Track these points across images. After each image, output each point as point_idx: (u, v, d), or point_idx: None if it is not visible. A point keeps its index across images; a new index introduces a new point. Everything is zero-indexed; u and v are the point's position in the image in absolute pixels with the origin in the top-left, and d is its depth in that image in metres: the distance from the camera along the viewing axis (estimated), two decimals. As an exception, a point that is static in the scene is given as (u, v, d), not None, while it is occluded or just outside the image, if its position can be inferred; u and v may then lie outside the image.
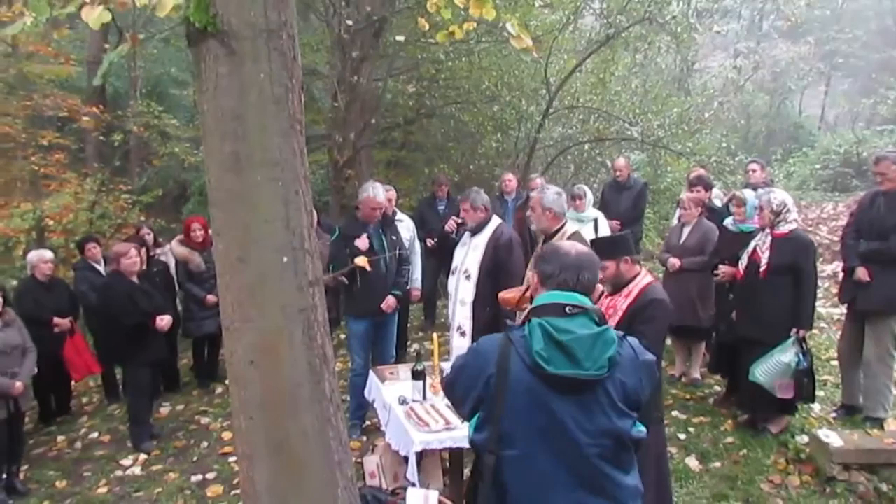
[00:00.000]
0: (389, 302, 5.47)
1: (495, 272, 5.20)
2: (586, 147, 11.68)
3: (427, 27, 4.89)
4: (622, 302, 3.50)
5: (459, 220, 5.69)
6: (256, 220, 2.62)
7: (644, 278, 3.57)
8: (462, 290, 5.26)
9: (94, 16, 2.75)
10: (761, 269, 4.87)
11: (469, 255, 5.30)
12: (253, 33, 2.54)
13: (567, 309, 2.14)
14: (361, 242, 5.29)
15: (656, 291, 3.53)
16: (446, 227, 6.10)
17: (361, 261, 4.79)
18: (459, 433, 3.74)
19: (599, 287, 2.29)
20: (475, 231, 5.31)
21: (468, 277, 5.26)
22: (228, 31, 2.52)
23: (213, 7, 2.51)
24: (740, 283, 5.15)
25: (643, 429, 2.15)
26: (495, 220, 5.39)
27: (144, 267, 6.58)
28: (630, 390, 2.12)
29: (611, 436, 2.08)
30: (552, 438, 2.06)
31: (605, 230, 6.75)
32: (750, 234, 5.26)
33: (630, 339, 2.21)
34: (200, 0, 2.52)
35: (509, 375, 2.07)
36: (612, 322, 3.41)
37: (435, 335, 4.65)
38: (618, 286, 3.59)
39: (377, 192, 5.43)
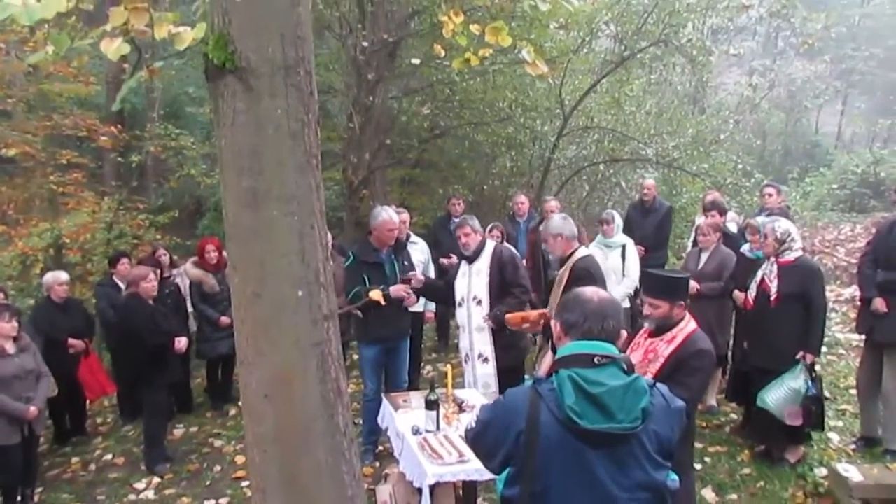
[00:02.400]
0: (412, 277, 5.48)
1: (506, 291, 5.21)
2: (601, 167, 11.67)
3: (443, 53, 4.91)
4: (664, 348, 3.35)
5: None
6: (272, 254, 2.64)
7: (689, 324, 3.41)
8: (476, 318, 5.25)
9: (114, 48, 2.77)
10: (772, 298, 4.83)
11: (474, 282, 5.30)
12: (271, 70, 2.56)
13: (596, 359, 2.08)
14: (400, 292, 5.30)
15: (702, 341, 3.34)
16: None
17: (376, 295, 4.78)
18: (473, 466, 3.70)
19: (623, 333, 2.24)
20: (472, 258, 5.32)
21: (479, 303, 5.25)
22: (246, 68, 2.54)
23: (232, 44, 2.53)
24: (751, 313, 5.10)
25: (676, 478, 2.12)
26: (490, 243, 5.46)
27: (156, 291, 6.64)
28: (664, 440, 2.08)
29: (648, 489, 2.05)
30: (587, 494, 2.02)
31: (633, 257, 6.72)
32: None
33: (659, 385, 2.16)
34: (219, 37, 2.54)
35: (540, 431, 2.01)
36: (654, 368, 3.29)
37: (450, 366, 4.64)
38: (662, 328, 3.43)
39: (391, 215, 5.45)
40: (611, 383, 2.02)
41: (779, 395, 4.75)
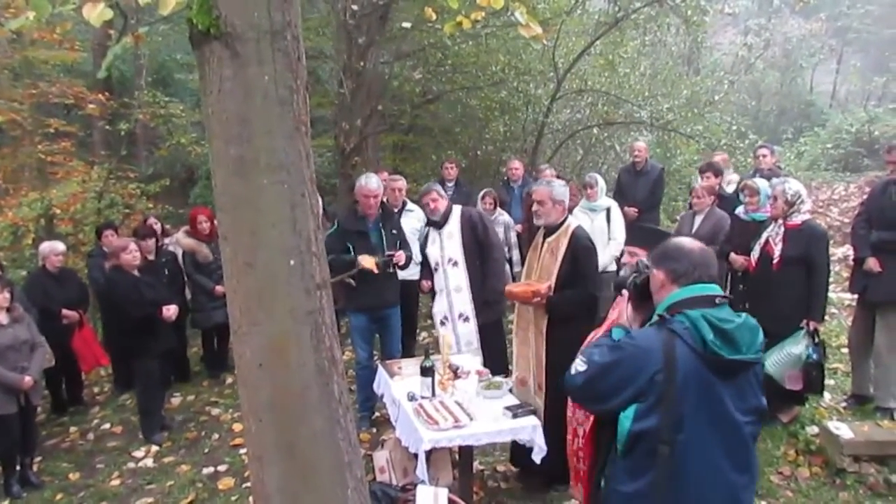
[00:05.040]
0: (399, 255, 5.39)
1: (479, 250, 5.38)
2: (595, 131, 11.59)
3: (434, 17, 4.82)
4: None
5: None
6: (263, 224, 2.60)
7: None
8: (453, 279, 5.40)
9: (96, 13, 2.70)
10: (774, 262, 4.83)
11: (446, 245, 5.44)
12: (257, 35, 2.49)
13: (717, 300, 2.28)
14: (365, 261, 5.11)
15: None
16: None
17: (368, 263, 4.75)
18: (468, 431, 3.75)
19: None
20: (440, 223, 5.44)
21: (455, 265, 5.41)
22: (232, 34, 2.47)
23: (216, 9, 2.46)
24: (753, 275, 5.10)
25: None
26: (456, 207, 5.58)
27: (153, 257, 6.62)
28: (761, 370, 2.36)
29: (757, 412, 2.29)
30: (717, 421, 2.21)
31: (617, 219, 6.70)
32: (762, 224, 5.21)
33: None
34: (203, 1, 2.48)
35: (678, 366, 2.18)
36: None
37: (444, 333, 4.64)
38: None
39: (370, 181, 5.37)
40: (735, 320, 2.24)
41: (779, 360, 4.78)
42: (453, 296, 5.40)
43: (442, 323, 5.49)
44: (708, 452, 2.22)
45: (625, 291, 2.69)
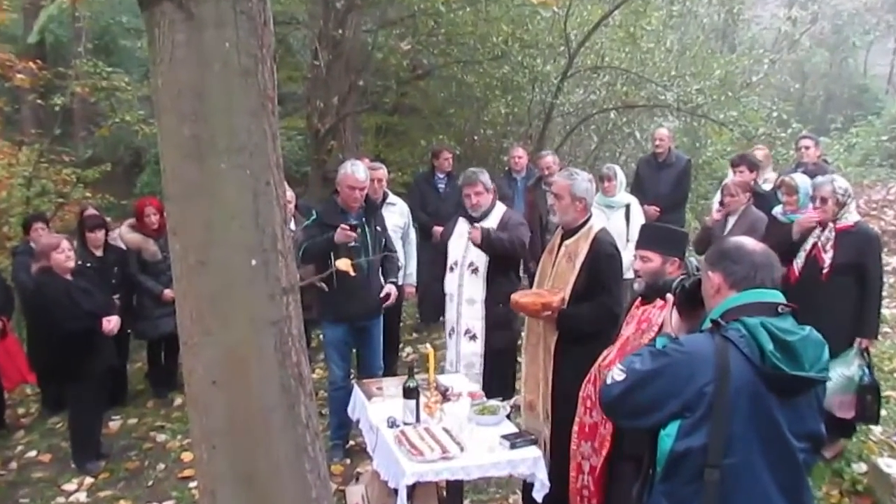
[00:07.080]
0: (390, 291, 5.47)
1: (507, 263, 5.23)
2: (612, 115, 11.63)
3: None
4: (657, 315, 3.41)
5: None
6: (220, 215, 2.60)
7: None
8: (469, 288, 5.29)
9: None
10: (824, 271, 4.83)
11: (472, 247, 5.29)
12: (216, -6, 2.51)
13: (780, 308, 2.30)
14: (342, 235, 5.13)
15: None
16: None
17: (344, 264, 4.71)
18: (458, 463, 3.75)
19: None
20: (478, 219, 5.30)
21: (475, 272, 5.28)
22: (186, -9, 2.49)
23: (169, -37, 2.47)
24: (795, 286, 5.10)
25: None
26: (500, 206, 5.45)
27: (102, 253, 6.61)
28: (822, 393, 2.39)
29: (812, 439, 2.32)
30: (770, 444, 2.23)
31: (637, 218, 6.72)
32: (802, 227, 5.22)
33: None
34: (153, -45, 2.48)
35: (731, 378, 2.20)
36: (647, 338, 3.36)
37: (431, 347, 4.64)
38: (653, 291, 3.45)
39: (357, 170, 5.36)
40: (800, 332, 2.26)
41: (829, 384, 4.77)
42: (464, 307, 5.33)
43: (450, 334, 5.48)
44: (758, 480, 2.23)
45: (669, 296, 2.74)
